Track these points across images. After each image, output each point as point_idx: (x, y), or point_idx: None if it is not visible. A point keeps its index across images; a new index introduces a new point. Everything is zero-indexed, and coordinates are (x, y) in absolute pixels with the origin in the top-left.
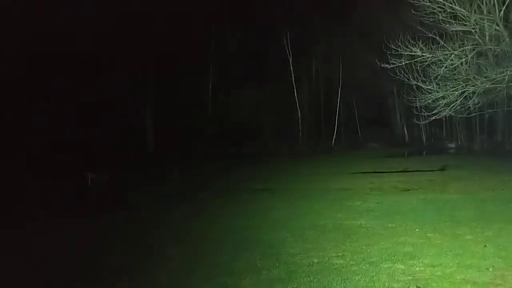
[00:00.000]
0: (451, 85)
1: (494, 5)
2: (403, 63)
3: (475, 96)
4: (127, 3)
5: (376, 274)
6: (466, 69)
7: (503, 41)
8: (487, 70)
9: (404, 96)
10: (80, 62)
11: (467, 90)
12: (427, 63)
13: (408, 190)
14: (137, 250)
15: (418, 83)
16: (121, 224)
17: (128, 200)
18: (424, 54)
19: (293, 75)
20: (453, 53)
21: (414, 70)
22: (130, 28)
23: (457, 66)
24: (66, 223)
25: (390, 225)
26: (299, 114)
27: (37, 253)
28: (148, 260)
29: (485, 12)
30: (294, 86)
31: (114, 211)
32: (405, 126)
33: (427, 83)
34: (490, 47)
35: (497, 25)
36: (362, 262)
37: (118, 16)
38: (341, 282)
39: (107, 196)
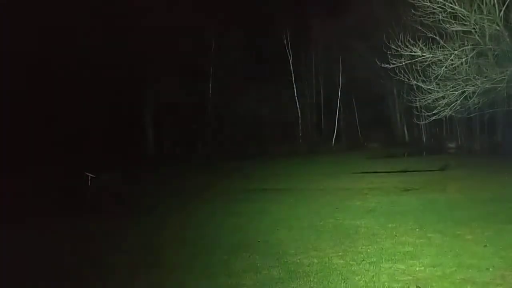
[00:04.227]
0: (451, 85)
1: (494, 5)
2: (403, 63)
3: (475, 96)
4: (127, 2)
5: (376, 274)
6: (466, 69)
7: (503, 41)
8: (487, 70)
9: (404, 96)
10: (81, 62)
11: (467, 90)
12: (427, 63)
13: (408, 190)
14: (136, 250)
15: (418, 83)
16: (121, 224)
17: (128, 201)
18: (424, 54)
19: (293, 75)
20: (453, 53)
21: (414, 70)
22: (131, 28)
23: (457, 66)
24: (66, 223)
25: (390, 225)
26: (299, 114)
27: (37, 253)
28: (147, 260)
29: (485, 12)
30: (294, 86)
31: (113, 211)
32: (405, 126)
33: (427, 83)
34: (490, 47)
35: (497, 25)
36: (362, 262)
37: (118, 16)
38: (341, 282)
39: (107, 196)
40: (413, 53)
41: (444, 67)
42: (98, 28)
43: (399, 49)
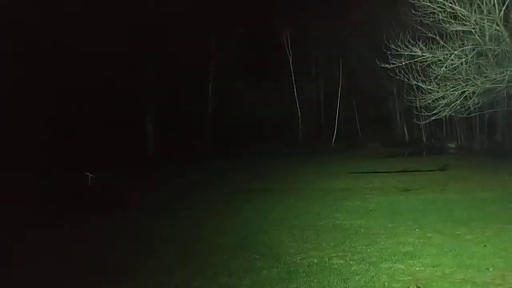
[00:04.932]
0: (451, 85)
1: (494, 5)
2: (403, 63)
3: (475, 96)
4: (127, 3)
5: (376, 274)
6: (466, 69)
7: (503, 41)
8: (487, 70)
9: (404, 96)
10: (80, 63)
11: (467, 90)
12: (427, 63)
13: (408, 190)
14: (136, 251)
15: (418, 83)
16: (120, 225)
17: (127, 201)
18: (424, 54)
19: (293, 75)
20: (453, 53)
21: (414, 70)
22: (130, 29)
23: (457, 66)
24: (66, 224)
25: (390, 225)
26: (299, 114)
27: (37, 253)
28: (148, 260)
29: (485, 12)
30: (294, 86)
31: (113, 212)
32: (405, 126)
33: (427, 83)
34: (490, 47)
35: (497, 25)
36: (362, 262)
37: (118, 16)
38: (341, 282)
39: (107, 197)
40: (413, 53)
41: (444, 67)
42: (98, 27)
43: (399, 49)
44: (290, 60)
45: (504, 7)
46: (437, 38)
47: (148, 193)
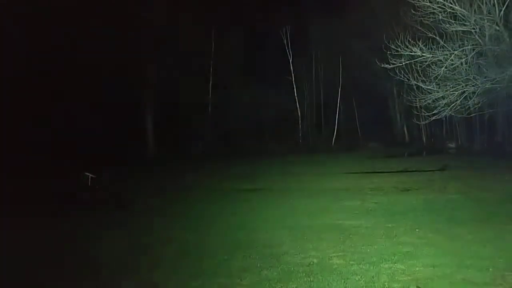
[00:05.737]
0: (451, 85)
1: (494, 5)
2: (403, 63)
3: (475, 96)
4: (127, 3)
5: (376, 274)
6: (466, 69)
7: (503, 41)
8: (487, 70)
9: (404, 96)
10: (80, 63)
11: (467, 90)
12: (427, 63)
13: (408, 190)
14: (136, 250)
15: (418, 83)
16: (120, 224)
17: (127, 201)
18: (424, 54)
19: (293, 75)
20: (453, 53)
21: (414, 70)
22: (130, 29)
23: (457, 66)
24: (66, 223)
25: (390, 225)
26: (299, 114)
27: (37, 254)
28: (147, 260)
29: (485, 12)
30: (294, 86)
31: (113, 211)
32: (405, 126)
33: (427, 83)
34: (490, 47)
35: (497, 25)
36: (362, 262)
37: (119, 16)
38: (341, 282)
39: (106, 196)
40: (413, 53)
41: (444, 67)
42: (98, 28)
43: (399, 49)
44: (290, 60)
45: (504, 7)
46: (437, 38)
47: (148, 193)
